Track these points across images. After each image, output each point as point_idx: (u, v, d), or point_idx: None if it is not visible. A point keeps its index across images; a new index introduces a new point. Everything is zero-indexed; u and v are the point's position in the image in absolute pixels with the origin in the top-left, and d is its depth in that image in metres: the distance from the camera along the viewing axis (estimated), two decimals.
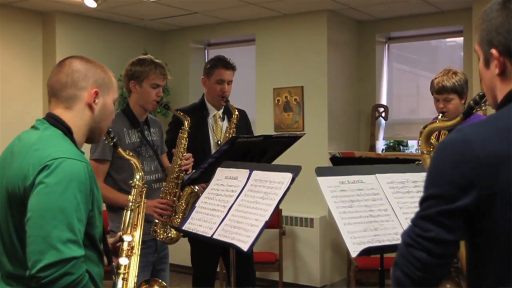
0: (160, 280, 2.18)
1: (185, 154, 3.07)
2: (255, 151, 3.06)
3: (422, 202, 1.30)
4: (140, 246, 2.01)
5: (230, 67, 3.56)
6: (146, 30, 6.11)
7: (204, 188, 2.89)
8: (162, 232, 2.99)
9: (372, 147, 5.74)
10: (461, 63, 5.33)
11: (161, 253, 3.08)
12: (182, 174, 3.05)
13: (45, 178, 1.61)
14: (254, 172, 2.44)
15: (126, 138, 2.96)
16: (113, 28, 5.89)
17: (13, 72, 5.19)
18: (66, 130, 1.78)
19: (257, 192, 2.34)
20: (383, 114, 5.74)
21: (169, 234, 3.01)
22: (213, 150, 3.45)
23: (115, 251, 2.01)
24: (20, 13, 5.29)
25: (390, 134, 5.91)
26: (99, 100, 1.86)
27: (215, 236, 2.32)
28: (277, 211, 2.97)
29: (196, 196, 3.03)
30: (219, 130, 3.55)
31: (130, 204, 2.11)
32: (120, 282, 1.86)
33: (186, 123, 3.09)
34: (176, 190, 3.04)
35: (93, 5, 4.69)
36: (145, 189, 2.20)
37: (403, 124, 5.84)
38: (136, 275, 1.92)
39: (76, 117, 1.82)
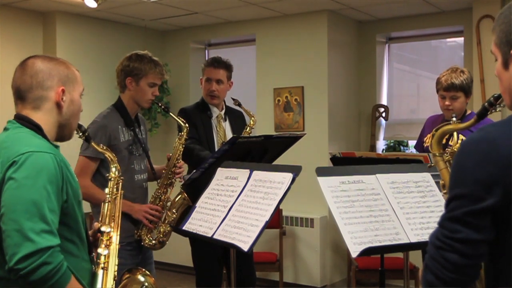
0: (143, 269, 2.18)
1: (180, 161, 3.06)
2: (256, 151, 3.06)
3: (448, 202, 1.31)
4: (118, 236, 2.03)
5: (218, 66, 3.54)
6: (146, 30, 6.11)
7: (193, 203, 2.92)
8: (147, 238, 2.97)
9: (373, 147, 5.74)
10: (462, 63, 5.32)
11: (145, 254, 3.05)
12: (174, 181, 3.05)
13: (13, 173, 1.65)
14: (255, 172, 2.44)
15: (121, 135, 2.93)
16: (113, 28, 5.89)
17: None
18: (36, 128, 1.82)
19: (258, 192, 2.34)
20: (383, 114, 5.74)
21: (154, 242, 2.99)
22: None
23: (95, 243, 2.01)
24: (20, 13, 5.29)
25: (391, 134, 5.91)
26: (66, 97, 1.88)
27: (215, 236, 2.33)
28: (277, 211, 2.97)
29: (187, 206, 3.03)
30: (222, 130, 3.56)
31: (108, 196, 2.13)
32: (100, 272, 1.89)
33: (184, 130, 3.07)
34: (166, 196, 3.03)
35: (94, 5, 4.69)
36: (121, 181, 2.21)
37: (404, 124, 5.84)
38: (116, 263, 1.93)
39: (45, 116, 1.85)
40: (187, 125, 3.10)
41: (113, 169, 2.23)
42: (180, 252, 5.24)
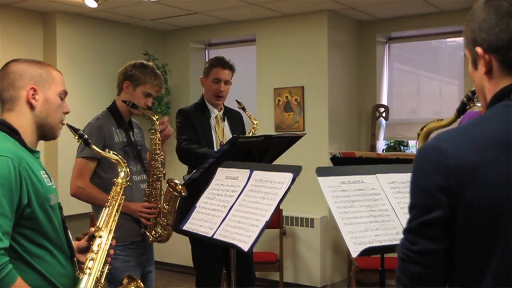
0: (139, 281, 2.18)
1: (159, 151, 2.99)
2: (256, 151, 3.06)
3: (409, 211, 1.31)
4: (109, 241, 2.03)
5: (227, 66, 3.57)
6: (146, 30, 6.11)
7: (177, 191, 2.92)
8: (151, 235, 2.98)
9: (373, 147, 5.74)
10: (462, 63, 5.32)
11: (148, 254, 3.07)
12: (162, 176, 3.04)
13: None
14: (255, 172, 2.44)
15: (115, 136, 2.96)
16: (114, 28, 5.89)
17: None
18: (10, 131, 1.82)
19: (258, 192, 2.34)
20: (383, 114, 5.74)
21: (158, 235, 3.00)
22: None
23: (89, 248, 2.02)
24: (20, 13, 5.29)
25: (391, 134, 5.91)
26: (39, 96, 1.88)
27: (215, 236, 2.32)
28: (277, 211, 2.97)
29: (177, 198, 3.03)
30: (221, 131, 3.57)
31: (109, 200, 2.14)
32: (85, 278, 1.90)
33: (156, 122, 2.99)
34: (157, 191, 3.02)
35: (94, 5, 4.69)
36: (125, 185, 2.21)
37: (404, 124, 5.84)
38: (101, 269, 1.93)
39: (19, 117, 1.86)
40: (156, 116, 3.02)
41: (122, 174, 2.22)
42: (180, 252, 5.25)
